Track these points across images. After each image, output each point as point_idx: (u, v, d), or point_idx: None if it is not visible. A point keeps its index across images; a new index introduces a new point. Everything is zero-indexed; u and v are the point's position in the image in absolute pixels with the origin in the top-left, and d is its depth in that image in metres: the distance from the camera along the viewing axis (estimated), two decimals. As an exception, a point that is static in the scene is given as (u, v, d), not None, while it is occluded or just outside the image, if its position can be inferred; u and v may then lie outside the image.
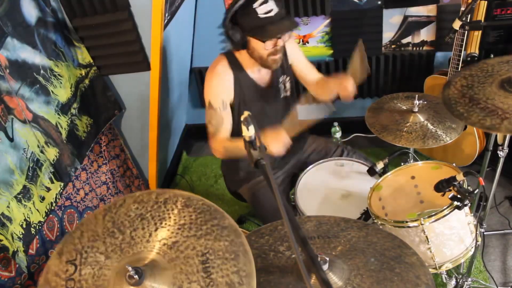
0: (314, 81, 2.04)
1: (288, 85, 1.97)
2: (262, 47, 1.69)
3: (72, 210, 1.92)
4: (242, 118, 1.01)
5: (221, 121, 1.79)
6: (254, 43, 1.69)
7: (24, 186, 1.59)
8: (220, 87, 1.80)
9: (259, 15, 1.62)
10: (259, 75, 1.87)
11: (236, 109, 1.87)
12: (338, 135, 2.92)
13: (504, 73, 1.51)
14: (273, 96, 1.93)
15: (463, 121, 1.40)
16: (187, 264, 0.94)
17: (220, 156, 1.87)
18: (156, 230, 1.01)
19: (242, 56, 1.81)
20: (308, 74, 2.04)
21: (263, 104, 1.91)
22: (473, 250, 1.54)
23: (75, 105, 1.96)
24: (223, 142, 1.78)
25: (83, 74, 2.04)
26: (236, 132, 1.92)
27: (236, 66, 1.82)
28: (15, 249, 1.51)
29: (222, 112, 1.79)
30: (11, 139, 1.54)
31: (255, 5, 1.61)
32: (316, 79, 2.04)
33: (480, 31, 2.24)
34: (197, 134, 3.35)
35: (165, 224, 1.01)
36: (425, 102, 2.02)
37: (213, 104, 1.78)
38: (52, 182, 1.76)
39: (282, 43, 1.74)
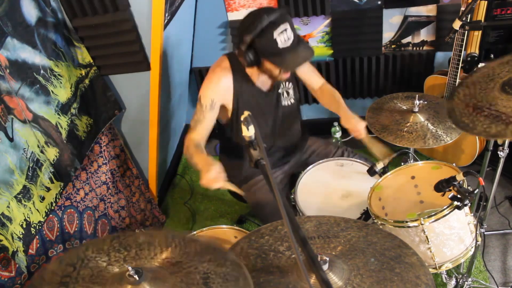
0: (317, 86, 2.08)
1: (291, 92, 1.97)
2: (277, 70, 1.73)
3: (72, 210, 1.92)
4: (242, 118, 1.01)
5: (202, 118, 1.80)
6: (269, 65, 1.71)
7: (24, 186, 1.59)
8: (215, 89, 1.81)
9: (279, 45, 1.61)
10: (260, 80, 1.86)
11: (234, 113, 1.88)
12: (338, 135, 2.92)
13: (504, 75, 1.49)
14: (274, 102, 1.93)
15: (469, 132, 1.37)
16: (188, 277, 0.94)
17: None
18: (161, 252, 1.02)
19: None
20: (310, 78, 2.07)
21: (262, 110, 1.92)
22: (473, 250, 1.54)
23: (75, 105, 1.96)
24: (191, 143, 1.77)
25: (83, 74, 2.04)
26: (236, 132, 1.93)
27: (237, 70, 1.82)
28: (15, 249, 1.51)
29: (207, 111, 1.80)
30: (11, 139, 1.54)
31: (275, 34, 1.60)
32: (320, 85, 2.08)
33: (480, 31, 2.24)
34: (197, 134, 3.34)
35: (171, 250, 1.03)
36: (425, 102, 2.02)
37: (202, 101, 1.80)
38: (52, 182, 1.76)
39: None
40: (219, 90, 1.81)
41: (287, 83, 1.95)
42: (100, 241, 1.07)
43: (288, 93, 1.96)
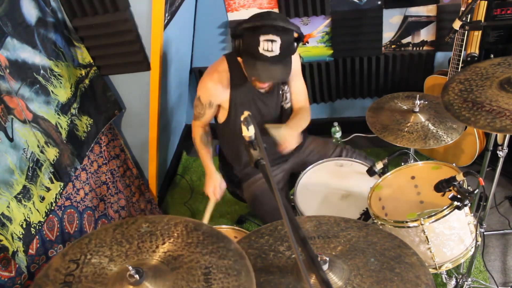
0: (296, 106, 2.00)
1: (288, 96, 1.96)
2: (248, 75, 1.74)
3: (72, 210, 1.92)
4: (242, 118, 1.01)
5: (202, 113, 1.94)
6: (244, 65, 1.71)
7: (24, 186, 1.59)
8: (212, 91, 1.85)
9: (259, 49, 1.58)
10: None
11: (232, 112, 1.89)
12: (338, 135, 2.92)
13: (500, 74, 1.49)
14: (273, 103, 1.93)
15: (471, 125, 1.38)
16: (189, 273, 0.94)
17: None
18: (163, 244, 1.02)
19: None
20: (297, 95, 1.99)
21: (260, 111, 1.91)
22: (473, 250, 1.54)
23: (75, 105, 1.96)
24: (197, 136, 2.02)
25: (83, 74, 2.04)
26: (232, 132, 1.93)
27: (235, 71, 1.82)
28: (15, 249, 1.51)
29: (206, 108, 1.92)
30: (11, 139, 1.54)
31: (262, 37, 1.57)
32: (300, 106, 2.00)
33: (480, 31, 2.24)
34: (197, 134, 3.34)
35: (173, 240, 1.03)
36: (426, 102, 2.02)
37: (201, 100, 1.90)
38: (52, 182, 1.76)
39: (267, 86, 1.80)
40: (216, 93, 1.85)
41: (285, 86, 1.94)
42: (103, 231, 1.07)
43: (286, 97, 1.96)
